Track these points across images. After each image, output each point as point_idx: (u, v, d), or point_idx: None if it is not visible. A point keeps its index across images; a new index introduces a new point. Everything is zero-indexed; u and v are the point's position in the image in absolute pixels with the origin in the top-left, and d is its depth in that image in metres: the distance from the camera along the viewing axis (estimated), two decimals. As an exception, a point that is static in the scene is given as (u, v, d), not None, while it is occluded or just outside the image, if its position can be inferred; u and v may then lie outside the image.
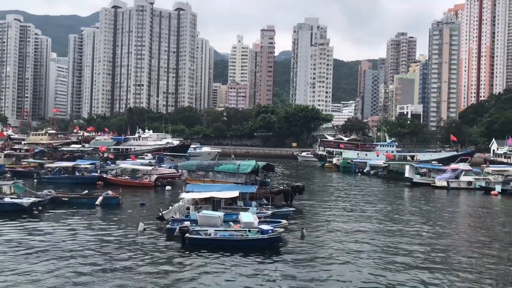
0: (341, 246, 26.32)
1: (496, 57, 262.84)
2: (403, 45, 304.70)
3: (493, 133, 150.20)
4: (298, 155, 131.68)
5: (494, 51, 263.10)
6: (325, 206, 42.63)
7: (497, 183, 59.34)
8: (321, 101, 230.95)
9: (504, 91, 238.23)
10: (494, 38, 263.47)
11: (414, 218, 37.29)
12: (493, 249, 27.28)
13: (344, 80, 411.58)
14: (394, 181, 69.87)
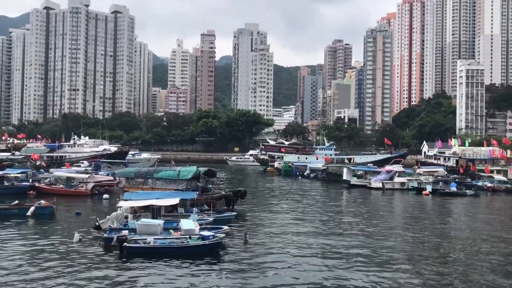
0: (284, 250, 26.54)
1: (425, 63, 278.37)
2: (339, 51, 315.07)
3: (424, 136, 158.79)
4: (227, 159, 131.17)
5: (424, 58, 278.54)
6: (268, 210, 42.92)
7: (428, 183, 62.59)
8: (263, 105, 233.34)
9: (433, 96, 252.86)
10: (424, 45, 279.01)
11: (352, 220, 38.41)
12: (427, 246, 28.63)
13: (285, 85, 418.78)
14: (333, 184, 71.72)
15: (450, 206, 49.08)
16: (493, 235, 32.67)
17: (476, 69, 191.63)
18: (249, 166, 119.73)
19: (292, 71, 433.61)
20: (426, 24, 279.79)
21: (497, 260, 25.46)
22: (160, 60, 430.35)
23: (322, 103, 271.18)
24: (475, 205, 50.78)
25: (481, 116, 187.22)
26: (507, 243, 29.96)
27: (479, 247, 28.46)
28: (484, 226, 37.21)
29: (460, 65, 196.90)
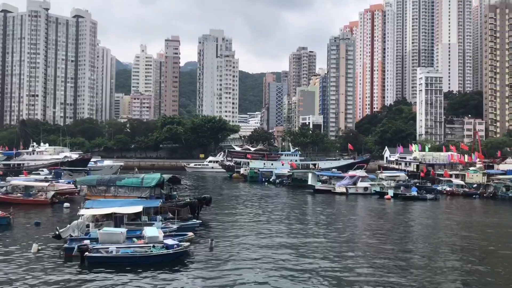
0: (250, 256, 26.47)
1: (387, 71, 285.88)
2: (304, 59, 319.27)
3: (386, 142, 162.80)
4: (186, 166, 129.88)
5: (385, 65, 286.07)
6: (234, 216, 42.78)
7: (390, 188, 64.13)
8: (228, 112, 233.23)
9: (394, 102, 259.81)
10: (385, 53, 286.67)
11: (317, 225, 38.79)
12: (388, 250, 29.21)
13: (250, 92, 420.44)
14: (298, 189, 72.33)
15: (411, 210, 50.36)
16: (452, 238, 33.71)
17: (435, 77, 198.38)
18: (208, 173, 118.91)
19: (258, 77, 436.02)
20: (387, 32, 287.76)
21: (456, 261, 26.25)
22: (124, 65, 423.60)
23: (288, 110, 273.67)
24: (434, 209, 52.30)
25: (440, 122, 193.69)
26: (464, 246, 30.96)
27: (438, 250, 29.28)
28: (443, 229, 38.36)
29: (420, 73, 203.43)
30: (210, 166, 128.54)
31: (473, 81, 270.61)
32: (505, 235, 36.52)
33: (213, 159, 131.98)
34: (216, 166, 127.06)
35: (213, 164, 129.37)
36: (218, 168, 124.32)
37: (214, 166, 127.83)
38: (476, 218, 45.96)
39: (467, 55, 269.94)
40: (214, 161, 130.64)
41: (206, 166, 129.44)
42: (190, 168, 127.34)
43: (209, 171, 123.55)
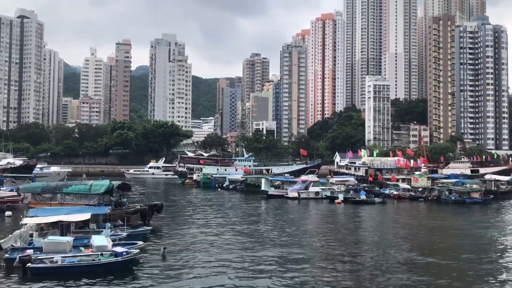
0: (203, 264, 26.19)
1: (337, 79, 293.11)
2: (257, 65, 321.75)
3: (336, 147, 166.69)
4: (125, 172, 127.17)
5: (335, 73, 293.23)
6: (186, 223, 42.28)
7: (340, 192, 65.63)
8: (181, 117, 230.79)
9: (345, 109, 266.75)
10: (336, 62, 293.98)
11: (269, 229, 39.03)
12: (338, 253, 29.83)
13: (204, 97, 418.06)
14: (251, 194, 72.54)
15: (360, 214, 51.73)
16: (398, 239, 34.92)
17: (383, 85, 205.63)
18: (150, 179, 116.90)
19: (211, 82, 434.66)
20: (337, 41, 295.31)
21: (402, 261, 27.18)
22: (72, 68, 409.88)
23: (241, 115, 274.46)
24: (382, 212, 54.01)
25: (388, 129, 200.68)
26: (409, 246, 32.15)
27: (386, 250, 30.22)
28: (390, 231, 39.67)
29: (368, 80, 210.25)
30: (151, 172, 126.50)
31: (418, 89, 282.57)
32: (447, 235, 38.23)
33: (154, 165, 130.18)
34: (158, 172, 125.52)
35: (154, 170, 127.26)
36: (159, 174, 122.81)
37: (155, 172, 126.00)
38: (421, 221, 47.86)
39: (413, 64, 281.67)
40: (155, 167, 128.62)
41: (147, 172, 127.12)
42: (130, 174, 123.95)
43: (150, 177, 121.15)
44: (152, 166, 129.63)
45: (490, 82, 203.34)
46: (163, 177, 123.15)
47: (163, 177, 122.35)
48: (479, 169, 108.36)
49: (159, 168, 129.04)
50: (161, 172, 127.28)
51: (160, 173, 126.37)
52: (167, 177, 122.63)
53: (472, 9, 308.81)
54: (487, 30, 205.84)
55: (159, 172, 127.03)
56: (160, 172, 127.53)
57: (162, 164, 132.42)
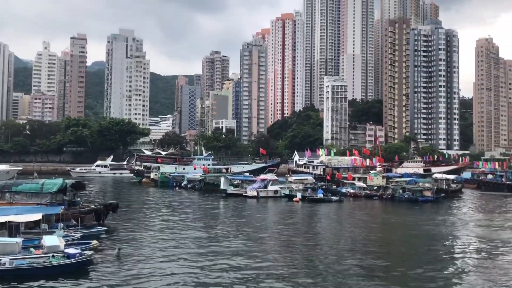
0: (159, 265, 25.70)
1: (297, 78, 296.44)
2: (217, 63, 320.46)
3: (295, 146, 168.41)
4: (70, 171, 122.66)
5: (295, 73, 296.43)
6: (142, 223, 41.44)
7: (298, 190, 66.27)
8: (138, 114, 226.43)
9: (303, 109, 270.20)
10: (295, 61, 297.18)
11: (227, 228, 38.88)
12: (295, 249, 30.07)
13: (162, 94, 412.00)
14: (210, 193, 72.03)
15: (317, 212, 52.46)
16: (353, 235, 35.64)
17: (340, 85, 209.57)
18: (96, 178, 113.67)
19: (170, 80, 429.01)
20: (297, 41, 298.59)
21: (357, 258, 27.73)
22: (24, 63, 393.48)
23: (201, 113, 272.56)
24: (339, 210, 55.01)
25: (345, 128, 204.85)
26: (364, 243, 32.87)
27: (342, 247, 30.75)
28: (346, 228, 40.44)
29: (327, 81, 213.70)
30: (98, 170, 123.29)
31: (374, 90, 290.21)
32: (400, 232, 39.38)
33: (101, 163, 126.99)
34: (105, 170, 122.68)
35: (101, 168, 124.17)
36: (107, 173, 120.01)
37: (102, 170, 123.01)
38: (375, 218, 49.10)
39: (369, 66, 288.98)
40: (103, 165, 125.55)
41: (93, 170, 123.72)
42: (76, 173, 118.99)
43: (96, 176, 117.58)
44: (99, 165, 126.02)
45: (442, 84, 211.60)
46: (111, 175, 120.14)
47: (111, 176, 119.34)
48: (431, 168, 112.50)
49: (106, 167, 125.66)
50: (109, 171, 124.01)
51: (108, 172, 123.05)
52: (116, 176, 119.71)
53: (426, 13, 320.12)
54: (440, 34, 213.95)
55: (106, 171, 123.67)
56: (107, 170, 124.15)
57: (110, 162, 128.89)
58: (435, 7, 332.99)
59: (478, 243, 34.12)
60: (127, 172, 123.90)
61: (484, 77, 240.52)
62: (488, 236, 37.12)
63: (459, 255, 30.03)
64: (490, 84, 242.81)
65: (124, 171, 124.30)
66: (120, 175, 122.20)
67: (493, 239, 35.35)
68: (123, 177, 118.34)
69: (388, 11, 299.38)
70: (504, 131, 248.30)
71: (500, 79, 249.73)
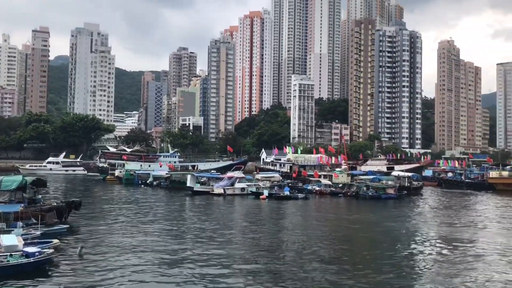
0: (123, 263, 25.27)
1: (264, 76, 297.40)
2: (184, 59, 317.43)
3: (263, 144, 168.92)
4: (20, 168, 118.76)
5: (263, 71, 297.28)
6: (106, 221, 40.62)
7: (265, 188, 66.58)
8: (103, 110, 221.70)
9: (271, 107, 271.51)
10: (263, 59, 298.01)
11: (193, 226, 38.64)
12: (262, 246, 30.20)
13: (128, 90, 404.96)
14: (176, 191, 71.39)
15: (284, 209, 52.88)
16: (318, 232, 36.12)
17: (307, 84, 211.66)
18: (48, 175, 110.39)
19: (136, 75, 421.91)
20: (265, 39, 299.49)
21: (322, 251, 28.12)
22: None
23: (167, 110, 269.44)
24: (304, 207, 55.62)
25: (311, 127, 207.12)
26: (328, 238, 33.39)
27: (306, 242, 31.10)
28: (311, 224, 40.94)
29: (294, 79, 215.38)
30: (49, 167, 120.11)
31: (340, 89, 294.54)
32: (363, 228, 40.20)
33: (53, 160, 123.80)
34: (56, 167, 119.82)
35: (52, 165, 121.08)
36: (59, 170, 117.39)
37: (53, 167, 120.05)
38: (340, 215, 49.96)
39: (336, 65, 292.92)
40: (54, 162, 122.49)
41: (44, 167, 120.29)
42: (26, 170, 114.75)
43: (48, 173, 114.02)
44: (50, 161, 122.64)
45: (406, 84, 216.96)
46: (63, 173, 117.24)
47: (63, 173, 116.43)
48: (394, 167, 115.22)
49: (58, 164, 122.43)
50: (61, 168, 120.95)
51: (60, 169, 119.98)
52: (68, 173, 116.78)
53: (391, 14, 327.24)
54: (404, 35, 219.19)
55: (58, 168, 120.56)
56: (59, 167, 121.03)
57: (62, 159, 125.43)
58: (399, 9, 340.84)
59: (439, 239, 35.22)
60: (80, 169, 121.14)
61: (445, 78, 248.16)
62: (448, 232, 38.38)
63: (419, 251, 30.92)
64: (451, 85, 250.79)
65: (77, 168, 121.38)
66: (73, 172, 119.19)
67: (452, 235, 36.58)
68: (76, 174, 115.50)
69: (355, 11, 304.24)
70: (464, 131, 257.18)
71: (460, 80, 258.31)
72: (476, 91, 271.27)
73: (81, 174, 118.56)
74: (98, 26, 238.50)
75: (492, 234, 37.97)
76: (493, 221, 46.00)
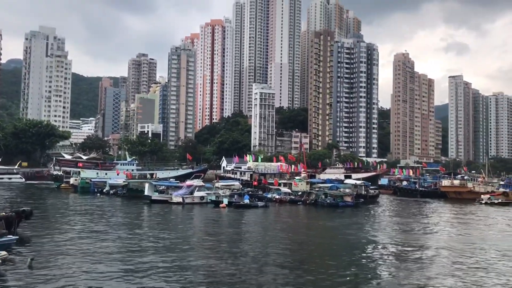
0: (76, 274, 24.32)
1: (226, 84, 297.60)
2: (144, 65, 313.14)
3: (223, 152, 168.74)
4: None
5: (224, 79, 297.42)
6: (59, 231, 39.13)
7: (225, 196, 66.28)
8: (58, 116, 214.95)
9: (232, 115, 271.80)
10: (224, 67, 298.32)
11: (150, 235, 37.85)
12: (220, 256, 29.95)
13: (85, 96, 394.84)
14: (134, 200, 69.91)
15: (243, 217, 52.76)
16: (278, 239, 36.24)
17: (268, 93, 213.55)
18: None
19: (93, 81, 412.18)
20: (226, 47, 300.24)
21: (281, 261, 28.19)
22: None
23: (125, 117, 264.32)
24: (264, 215, 55.72)
25: (272, 135, 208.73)
26: (288, 246, 33.54)
27: (266, 250, 31.11)
28: (270, 232, 41.01)
29: (255, 88, 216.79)
30: None
31: (300, 98, 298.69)
32: (321, 235, 40.67)
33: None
34: None
35: None
36: None
37: None
38: (298, 223, 50.39)
39: (296, 75, 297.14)
40: None
41: None
42: None
43: None
44: None
45: (363, 95, 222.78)
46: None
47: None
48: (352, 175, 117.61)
49: None
50: None
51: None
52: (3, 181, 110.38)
53: (349, 27, 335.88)
54: (361, 47, 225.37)
55: None
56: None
57: None
58: (357, 21, 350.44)
59: (394, 245, 36.08)
60: (17, 177, 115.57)
61: (400, 90, 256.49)
62: (403, 239, 39.41)
63: (375, 256, 31.56)
64: (406, 96, 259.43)
65: (14, 176, 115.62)
66: (9, 180, 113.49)
67: (407, 242, 37.58)
68: (12, 182, 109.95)
69: (314, 23, 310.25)
70: (418, 140, 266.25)
71: (415, 92, 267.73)
72: (430, 103, 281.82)
73: (18, 182, 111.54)
74: (55, 30, 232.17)
75: (444, 239, 39.32)
76: (445, 227, 47.70)
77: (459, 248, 34.92)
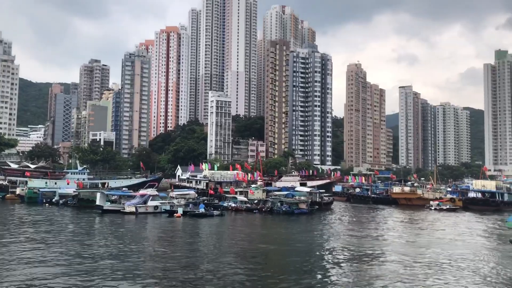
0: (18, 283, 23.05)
1: (181, 92, 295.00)
2: (96, 72, 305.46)
3: (179, 160, 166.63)
4: None
5: (180, 86, 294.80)
6: (2, 243, 37.03)
7: (179, 206, 65.25)
8: (4, 123, 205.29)
9: (188, 122, 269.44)
10: (180, 75, 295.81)
11: (101, 247, 36.54)
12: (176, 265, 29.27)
13: (33, 102, 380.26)
14: (84, 210, 67.55)
15: (198, 227, 52.06)
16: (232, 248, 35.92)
17: (225, 101, 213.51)
18: None
19: (43, 87, 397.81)
20: (182, 55, 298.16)
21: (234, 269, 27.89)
22: None
23: (76, 124, 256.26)
24: (219, 224, 55.21)
25: (228, 143, 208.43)
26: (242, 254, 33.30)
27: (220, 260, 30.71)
28: (225, 241, 40.63)
29: (211, 96, 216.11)
30: None
31: (257, 106, 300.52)
32: (275, 243, 40.71)
33: None
34: None
35: None
36: None
37: None
38: (253, 231, 50.25)
39: (252, 83, 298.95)
40: None
41: None
42: None
43: None
44: None
45: (318, 104, 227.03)
46: None
47: None
48: (307, 182, 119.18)
49: None
50: None
51: None
52: None
53: (304, 37, 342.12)
54: (316, 57, 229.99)
55: None
56: None
57: None
58: (312, 32, 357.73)
59: (347, 250, 36.61)
60: None
61: (353, 99, 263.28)
62: (356, 243, 40.08)
63: (329, 262, 31.87)
64: (358, 106, 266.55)
65: None
66: None
67: (360, 247, 38.24)
68: None
69: (270, 32, 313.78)
70: (370, 148, 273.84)
71: (367, 101, 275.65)
72: (381, 112, 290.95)
73: None
74: (1, 33, 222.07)
75: (394, 244, 40.32)
76: (396, 233, 49.02)
77: (409, 252, 35.89)
